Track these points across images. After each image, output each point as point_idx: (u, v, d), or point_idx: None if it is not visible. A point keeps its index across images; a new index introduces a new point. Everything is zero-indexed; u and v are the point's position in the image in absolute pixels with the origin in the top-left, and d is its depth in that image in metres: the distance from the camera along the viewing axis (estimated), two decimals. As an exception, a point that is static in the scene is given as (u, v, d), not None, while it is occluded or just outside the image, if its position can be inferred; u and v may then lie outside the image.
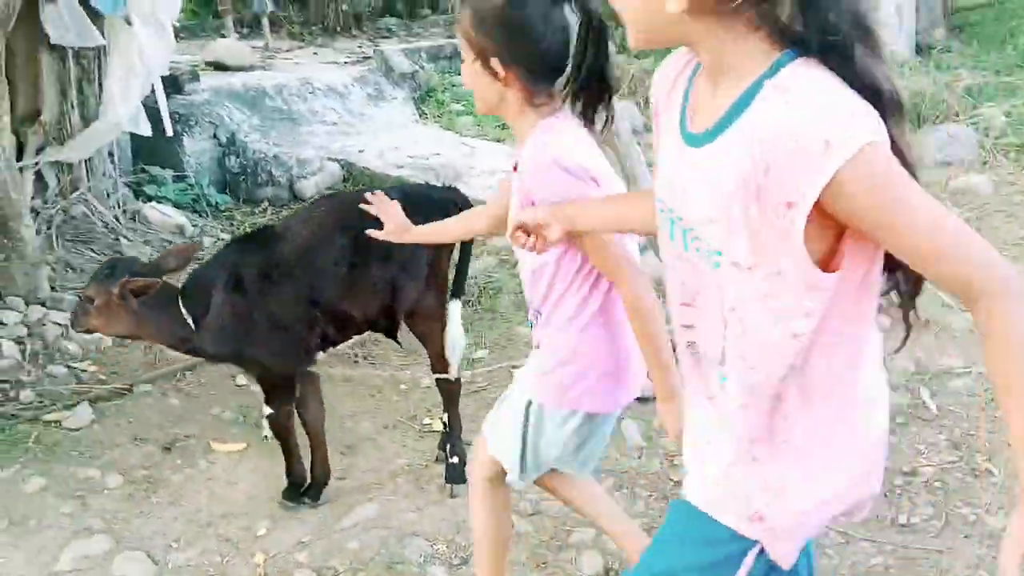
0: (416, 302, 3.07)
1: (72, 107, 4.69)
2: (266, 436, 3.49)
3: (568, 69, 1.81)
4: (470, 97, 2.94)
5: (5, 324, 3.96)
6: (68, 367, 3.86)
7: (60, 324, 4.02)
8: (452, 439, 3.17)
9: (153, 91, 4.78)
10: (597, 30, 1.76)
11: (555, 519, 2.93)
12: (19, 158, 4.29)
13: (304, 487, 3.13)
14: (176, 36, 4.80)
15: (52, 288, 4.21)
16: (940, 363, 3.75)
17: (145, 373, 3.89)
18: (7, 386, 3.67)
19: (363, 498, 3.11)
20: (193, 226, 5.32)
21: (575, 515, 2.91)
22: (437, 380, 3.24)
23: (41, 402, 3.63)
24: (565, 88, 1.83)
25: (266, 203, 5.92)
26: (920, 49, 7.82)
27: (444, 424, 3.28)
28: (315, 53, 8.32)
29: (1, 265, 4.03)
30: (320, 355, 3.15)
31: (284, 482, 3.16)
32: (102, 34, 4.41)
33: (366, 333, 3.45)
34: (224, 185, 5.98)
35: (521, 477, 2.17)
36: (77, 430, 3.49)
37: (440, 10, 10.26)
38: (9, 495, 3.12)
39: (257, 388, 3.74)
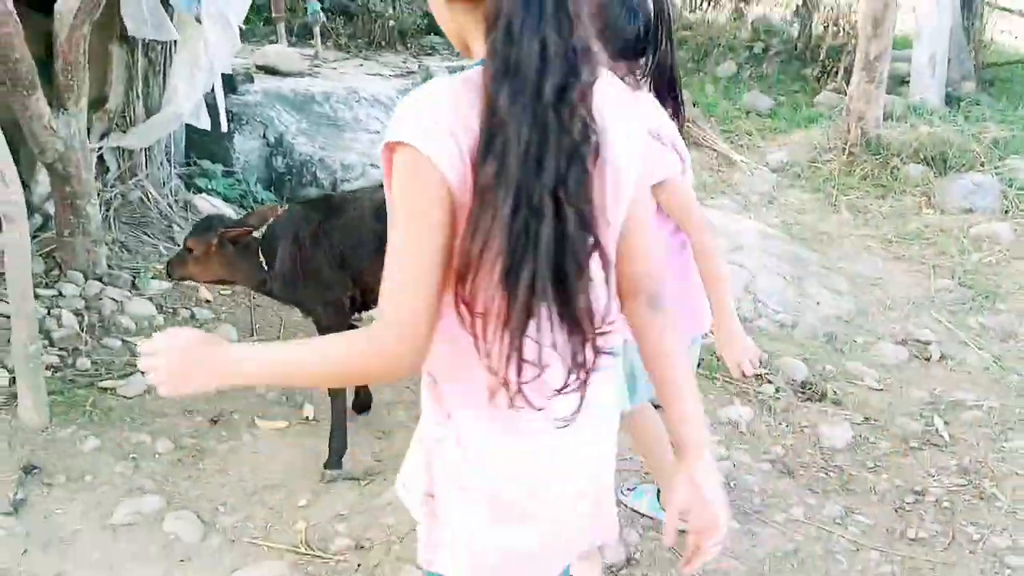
0: None
1: (137, 97, 4.92)
2: (307, 416, 3.68)
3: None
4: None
5: (64, 296, 4.16)
6: (122, 340, 4.05)
7: (116, 300, 4.22)
8: None
9: (213, 88, 5.01)
10: (667, 23, 1.98)
11: (581, 510, 3.08)
12: (85, 142, 4.51)
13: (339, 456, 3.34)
14: (241, 37, 5.03)
15: (108, 266, 4.42)
16: (954, 395, 3.91)
17: (194, 351, 4.08)
18: (65, 353, 3.86)
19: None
20: (240, 219, 5.54)
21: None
22: None
23: (97, 370, 3.82)
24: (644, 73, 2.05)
25: (309, 203, 6.14)
26: (950, 100, 8.01)
27: None
28: (360, 65, 8.57)
29: (66, 240, 4.25)
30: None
31: (323, 460, 3.34)
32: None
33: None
34: (270, 183, 6.19)
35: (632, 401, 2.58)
36: (130, 398, 3.67)
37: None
38: (67, 453, 3.30)
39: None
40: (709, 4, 10.98)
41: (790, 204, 6.32)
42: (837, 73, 8.63)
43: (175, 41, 4.81)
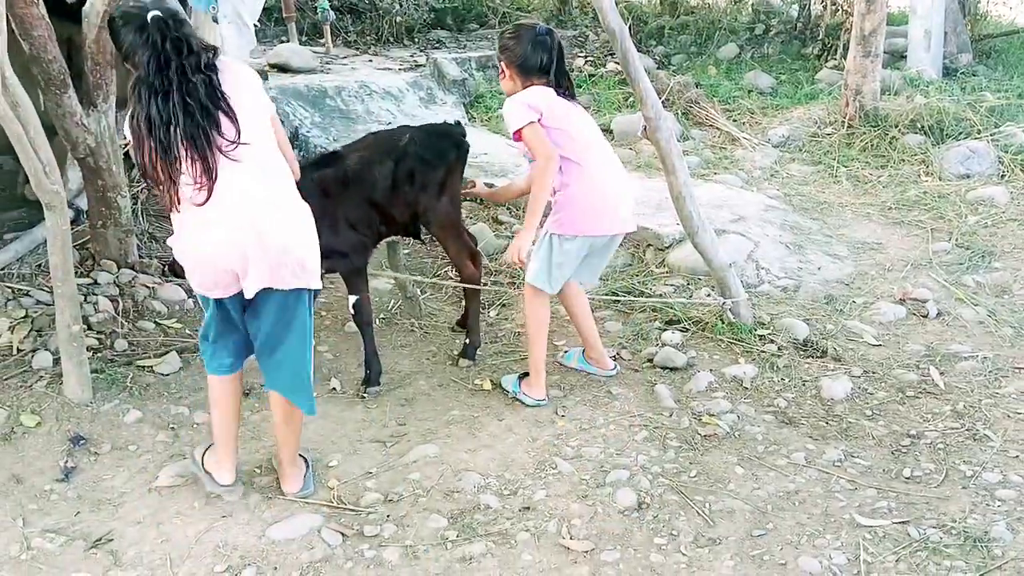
0: (431, 212, 3.91)
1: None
2: (333, 388, 3.89)
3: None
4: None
5: (100, 284, 4.39)
6: (156, 323, 4.28)
7: (148, 286, 4.45)
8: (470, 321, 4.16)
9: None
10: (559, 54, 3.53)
11: (594, 461, 3.28)
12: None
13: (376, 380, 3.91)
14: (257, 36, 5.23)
15: (139, 255, 4.64)
16: (949, 348, 4.07)
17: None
18: (103, 336, 4.09)
19: (422, 440, 3.47)
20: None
21: (612, 458, 3.29)
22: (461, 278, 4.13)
23: (134, 351, 4.05)
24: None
25: (325, 193, 6.35)
26: (948, 72, 8.14)
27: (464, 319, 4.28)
28: (370, 60, 8.79)
29: (99, 231, 4.48)
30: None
31: (350, 426, 3.57)
32: (190, 29, 4.86)
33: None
34: (287, 175, 6.40)
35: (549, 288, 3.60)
36: (167, 375, 3.90)
37: (487, 25, 10.71)
38: (111, 424, 3.53)
39: (323, 347, 4.20)
40: (710, -12, 11.13)
41: (791, 177, 6.48)
42: (836, 51, 8.77)
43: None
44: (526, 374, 3.78)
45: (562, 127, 3.48)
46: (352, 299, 3.90)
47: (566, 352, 4.06)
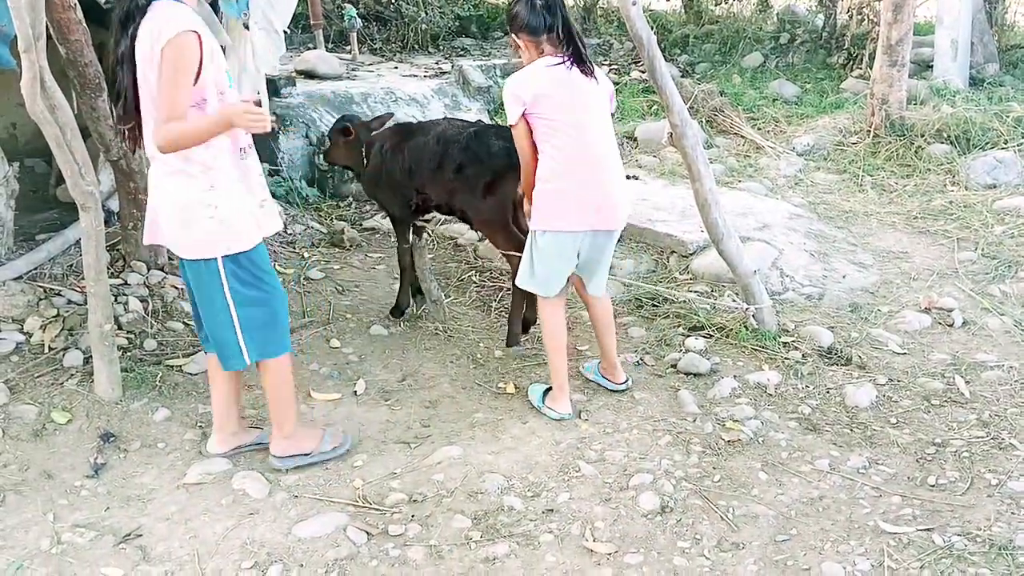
0: (470, 208, 4.19)
1: (190, 100, 5.19)
2: (356, 391, 3.92)
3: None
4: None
5: (130, 285, 4.45)
6: (184, 323, 4.33)
7: (176, 287, 4.51)
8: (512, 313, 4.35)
9: (259, 91, 5.29)
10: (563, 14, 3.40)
11: (618, 465, 3.29)
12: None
13: (401, 312, 4.61)
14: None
15: (168, 257, 4.70)
16: (975, 357, 4.05)
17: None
18: (133, 336, 4.15)
19: (446, 442, 3.50)
20: (286, 215, 5.82)
21: (636, 461, 3.30)
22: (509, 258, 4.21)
23: (163, 350, 4.11)
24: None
25: (351, 198, 6.42)
26: (975, 82, 8.09)
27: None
28: (395, 67, 8.87)
29: (130, 233, 4.54)
30: (423, 218, 4.60)
31: (374, 428, 3.60)
32: (220, 36, 4.93)
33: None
34: (313, 180, 6.48)
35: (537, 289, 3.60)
36: (195, 374, 3.95)
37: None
38: (141, 423, 3.58)
39: (349, 349, 4.24)
40: (735, -3, 11.15)
41: (816, 185, 6.47)
42: (862, 60, 8.74)
43: (224, 47, 5.09)
44: (552, 387, 3.75)
45: (545, 115, 3.37)
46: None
47: (587, 364, 4.05)
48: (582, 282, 3.73)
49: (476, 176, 4.07)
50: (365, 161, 4.54)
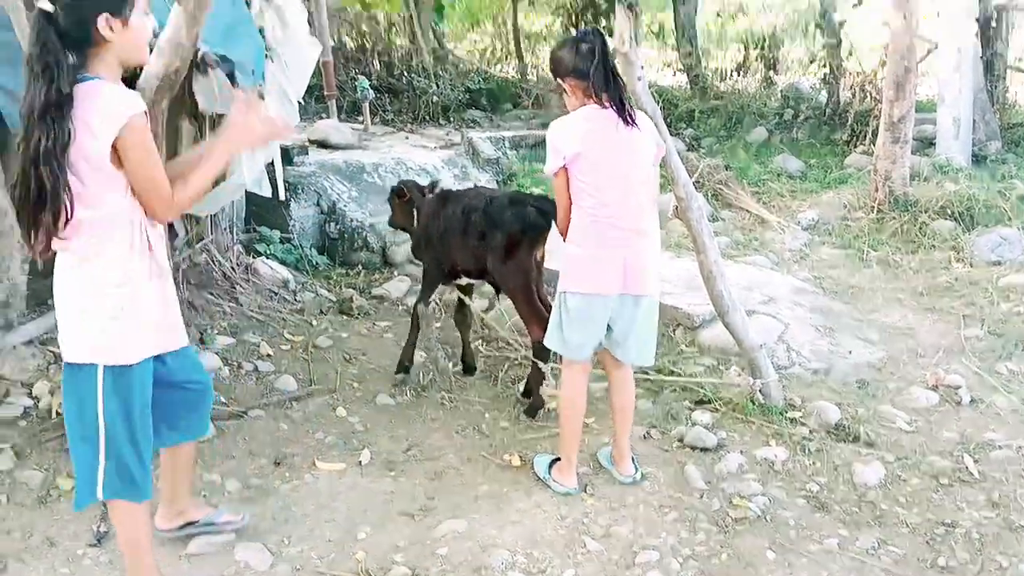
0: (496, 272, 4.29)
1: (203, 168, 5.29)
2: (361, 461, 3.91)
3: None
4: (549, 182, 3.72)
5: (138, 350, 4.47)
6: (192, 390, 4.34)
7: (185, 354, 4.52)
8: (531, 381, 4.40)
9: (272, 159, 5.38)
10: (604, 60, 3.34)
11: (624, 541, 3.26)
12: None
13: (405, 368, 4.72)
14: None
15: (179, 323, 4.73)
16: (984, 436, 4.03)
17: (257, 401, 4.36)
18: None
19: (450, 515, 3.47)
20: (296, 282, 5.87)
21: (642, 538, 3.27)
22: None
23: (169, 417, 4.10)
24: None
25: (360, 266, 6.47)
26: (978, 160, 8.20)
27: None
28: (406, 138, 9.03)
29: (140, 298, 4.58)
30: (455, 282, 4.75)
31: (379, 499, 3.58)
32: (238, 106, 5.03)
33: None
34: (323, 248, 6.55)
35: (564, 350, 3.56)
36: (201, 442, 3.93)
37: (520, 106, 10.98)
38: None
39: (355, 419, 4.25)
40: (740, 74, 11.36)
41: (821, 260, 6.51)
42: (865, 136, 8.87)
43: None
44: (558, 458, 3.73)
45: (581, 175, 3.36)
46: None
47: (603, 449, 3.93)
48: (609, 353, 3.64)
49: (495, 241, 4.21)
50: (415, 223, 4.82)
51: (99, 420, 2.67)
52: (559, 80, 3.47)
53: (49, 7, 2.43)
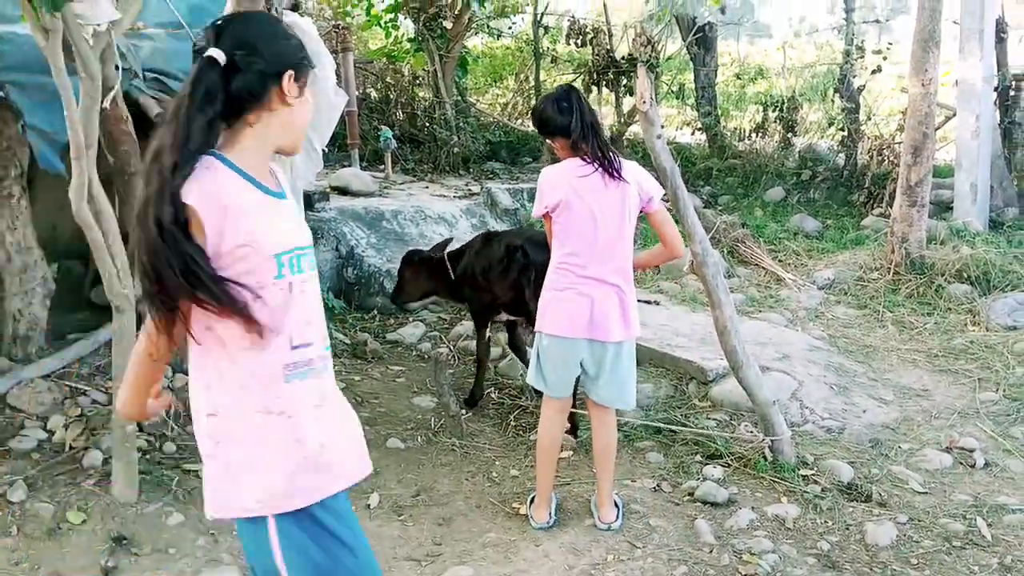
0: (529, 307, 4.35)
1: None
2: (369, 504, 3.90)
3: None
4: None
5: (154, 387, 4.51)
6: (204, 428, 4.36)
7: (199, 392, 4.56)
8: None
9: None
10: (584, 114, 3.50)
11: (631, 593, 3.24)
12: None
13: (475, 401, 5.03)
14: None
15: (193, 362, 4.78)
16: (997, 500, 3.99)
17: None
18: (153, 438, 4.18)
19: (457, 561, 3.46)
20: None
21: (649, 591, 3.24)
22: None
23: (181, 454, 4.12)
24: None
25: (375, 312, 6.52)
26: (995, 225, 8.21)
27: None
28: (426, 187, 9.13)
29: (158, 336, 4.63)
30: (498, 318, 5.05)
31: (386, 543, 3.58)
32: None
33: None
34: (340, 292, 6.60)
35: (542, 387, 3.68)
36: (211, 480, 3.95)
37: (539, 159, 11.10)
38: (154, 527, 3.57)
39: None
40: (758, 134, 11.46)
41: (836, 319, 6.51)
42: (882, 199, 8.91)
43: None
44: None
45: (562, 223, 3.51)
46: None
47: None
48: (588, 396, 3.73)
49: (528, 276, 4.49)
50: (453, 275, 5.07)
51: None
52: (547, 141, 3.70)
53: (222, 57, 1.85)
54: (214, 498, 1.96)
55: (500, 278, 4.71)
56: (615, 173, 3.48)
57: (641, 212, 3.58)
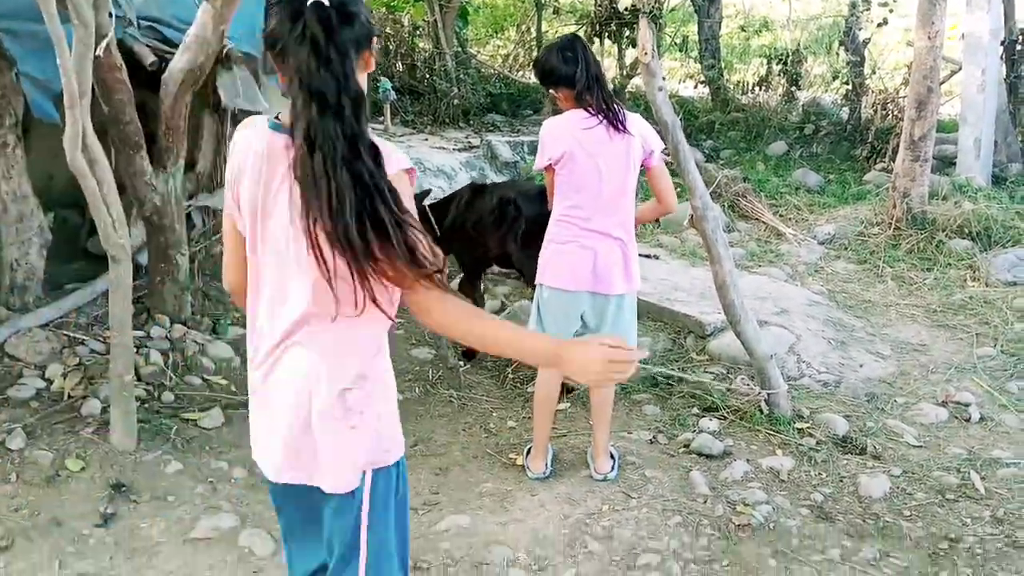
0: (516, 260, 4.66)
1: (224, 161, 5.34)
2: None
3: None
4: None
5: (152, 338, 4.52)
6: (203, 378, 4.38)
7: (198, 343, 4.57)
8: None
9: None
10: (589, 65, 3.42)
11: (626, 543, 3.27)
12: (176, 200, 4.91)
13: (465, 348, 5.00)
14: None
15: (192, 312, 4.78)
16: (991, 453, 4.01)
17: (267, 391, 4.39)
18: (151, 388, 4.20)
19: (454, 510, 3.49)
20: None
21: (644, 541, 3.28)
22: None
23: (180, 404, 4.14)
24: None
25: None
26: (998, 181, 8.16)
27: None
28: (426, 139, 9.07)
29: (156, 287, 4.63)
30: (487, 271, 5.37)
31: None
32: (261, 101, 5.09)
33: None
34: (338, 245, 6.58)
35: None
36: (210, 429, 3.98)
37: (541, 112, 11.01)
38: (152, 475, 3.60)
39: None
40: (761, 88, 11.34)
41: (836, 274, 6.50)
42: (885, 154, 8.85)
43: (260, 112, 5.25)
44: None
45: (565, 176, 3.47)
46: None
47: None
48: None
49: (517, 227, 4.55)
50: (437, 228, 5.02)
51: None
52: (548, 89, 3.60)
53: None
54: (355, 461, 1.87)
55: (493, 231, 4.72)
56: (620, 126, 3.43)
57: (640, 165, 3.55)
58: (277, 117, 1.84)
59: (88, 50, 3.32)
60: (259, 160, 1.80)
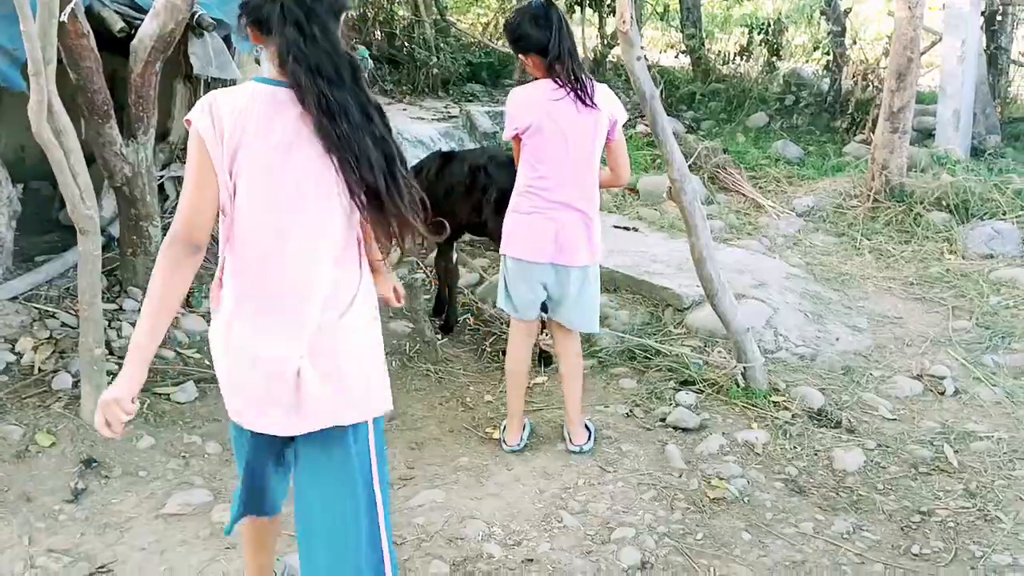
0: (491, 225, 4.50)
1: (196, 131, 5.26)
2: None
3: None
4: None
5: (124, 311, 4.46)
6: (176, 352, 4.34)
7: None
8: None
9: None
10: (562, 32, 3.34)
11: (600, 517, 3.27)
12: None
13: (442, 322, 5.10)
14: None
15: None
16: (965, 427, 4.04)
17: (241, 365, 4.35)
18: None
19: (429, 485, 3.48)
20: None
21: (619, 515, 3.28)
22: None
23: (152, 378, 4.06)
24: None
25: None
26: (976, 153, 8.17)
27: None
28: (404, 109, 8.96)
29: (128, 259, 4.57)
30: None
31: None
32: (232, 69, 4.99)
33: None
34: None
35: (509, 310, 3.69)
36: (183, 403, 3.94)
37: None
38: (124, 450, 3.56)
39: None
40: (742, 58, 11.28)
41: (814, 247, 6.50)
42: (865, 125, 8.84)
43: (234, 80, 5.16)
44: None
45: (531, 147, 3.46)
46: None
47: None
48: (553, 319, 3.71)
49: (492, 194, 4.54)
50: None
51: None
52: (521, 56, 3.50)
53: None
54: (364, 402, 2.12)
55: (465, 199, 4.69)
56: (588, 100, 3.39)
57: None
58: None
59: (53, 16, 3.24)
60: (264, 119, 1.92)
